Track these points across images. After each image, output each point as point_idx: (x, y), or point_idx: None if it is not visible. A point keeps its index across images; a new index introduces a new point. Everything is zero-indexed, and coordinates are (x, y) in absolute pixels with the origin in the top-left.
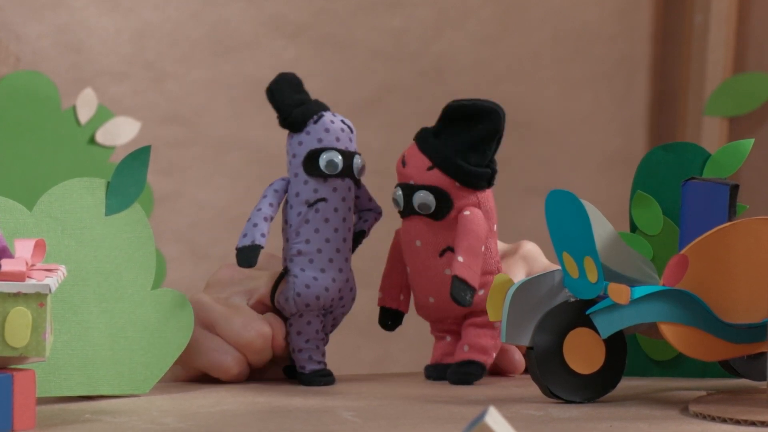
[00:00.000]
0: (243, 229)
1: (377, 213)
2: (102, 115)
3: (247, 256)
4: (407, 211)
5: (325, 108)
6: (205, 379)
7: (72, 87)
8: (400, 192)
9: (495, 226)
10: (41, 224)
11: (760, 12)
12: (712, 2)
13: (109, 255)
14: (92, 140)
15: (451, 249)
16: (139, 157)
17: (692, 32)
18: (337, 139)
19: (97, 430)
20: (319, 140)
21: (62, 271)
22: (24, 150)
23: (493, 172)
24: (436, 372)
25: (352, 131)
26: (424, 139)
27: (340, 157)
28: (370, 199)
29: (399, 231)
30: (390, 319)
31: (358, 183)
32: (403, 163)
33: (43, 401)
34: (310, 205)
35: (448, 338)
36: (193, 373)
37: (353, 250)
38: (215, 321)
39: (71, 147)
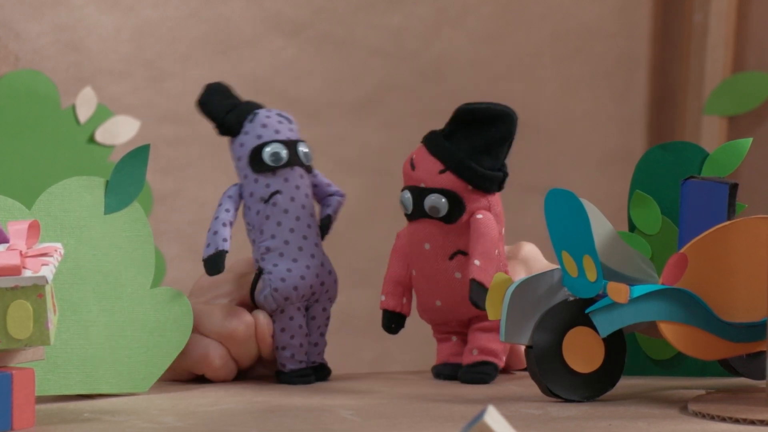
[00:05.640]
0: (205, 239)
1: (340, 196)
2: (101, 114)
3: (215, 263)
4: (416, 214)
5: (259, 107)
6: (203, 378)
7: (71, 86)
8: (409, 195)
9: (503, 229)
10: (40, 223)
11: (759, 11)
12: (712, 1)
13: (109, 254)
14: (92, 139)
15: (462, 252)
16: (138, 156)
17: (692, 31)
18: (277, 132)
19: (96, 429)
20: (259, 136)
21: (59, 251)
22: (23, 149)
23: (505, 175)
24: (447, 370)
25: (290, 122)
26: (435, 142)
27: (284, 149)
28: (329, 184)
29: (401, 234)
30: (394, 322)
31: (309, 170)
32: (412, 166)
33: (42, 400)
34: (266, 200)
35: (454, 338)
36: (180, 375)
37: (323, 236)
38: (197, 319)
39: (70, 146)
